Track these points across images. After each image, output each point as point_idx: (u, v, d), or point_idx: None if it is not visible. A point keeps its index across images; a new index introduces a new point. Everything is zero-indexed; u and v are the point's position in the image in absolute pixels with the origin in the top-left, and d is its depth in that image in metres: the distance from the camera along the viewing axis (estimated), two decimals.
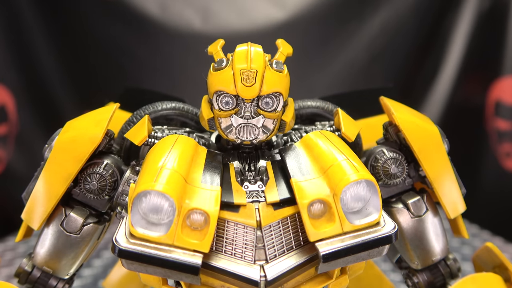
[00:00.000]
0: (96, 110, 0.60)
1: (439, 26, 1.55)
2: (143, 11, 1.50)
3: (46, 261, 0.55)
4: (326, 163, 0.49)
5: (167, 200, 0.44)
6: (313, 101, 0.65)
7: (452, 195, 0.56)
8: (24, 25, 1.44)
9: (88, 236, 0.55)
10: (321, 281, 0.50)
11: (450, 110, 1.57)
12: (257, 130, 0.52)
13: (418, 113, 0.62)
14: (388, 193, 0.58)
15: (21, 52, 1.45)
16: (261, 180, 0.51)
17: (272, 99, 0.51)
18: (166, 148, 0.50)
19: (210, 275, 0.47)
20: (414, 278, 0.60)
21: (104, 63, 1.53)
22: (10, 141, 1.42)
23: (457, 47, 1.54)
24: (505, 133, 1.45)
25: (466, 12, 1.51)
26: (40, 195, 0.53)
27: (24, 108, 1.45)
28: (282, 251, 0.48)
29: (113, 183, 0.55)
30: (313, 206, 0.46)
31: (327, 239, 0.46)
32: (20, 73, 1.44)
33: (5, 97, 1.40)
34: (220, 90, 0.51)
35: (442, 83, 1.57)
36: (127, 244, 0.45)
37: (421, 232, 0.57)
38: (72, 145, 0.54)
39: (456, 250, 1.22)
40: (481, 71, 1.52)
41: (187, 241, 0.44)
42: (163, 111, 0.63)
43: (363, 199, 0.47)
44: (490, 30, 1.47)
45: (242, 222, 0.47)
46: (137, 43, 1.53)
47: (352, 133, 0.56)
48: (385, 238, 0.47)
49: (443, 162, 0.57)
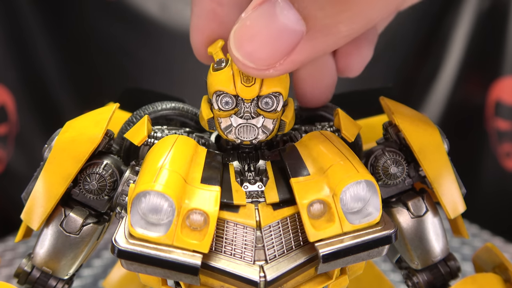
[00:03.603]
0: (96, 110, 0.60)
1: (439, 26, 1.55)
2: (143, 11, 1.50)
3: (45, 262, 0.55)
4: (326, 163, 0.49)
5: (167, 201, 0.44)
6: None
7: (452, 195, 0.56)
8: (24, 25, 1.44)
9: (88, 236, 0.55)
10: (321, 281, 0.50)
11: (450, 110, 1.57)
12: (257, 130, 0.52)
13: (418, 113, 0.62)
14: (388, 193, 0.57)
15: (21, 52, 1.45)
16: (261, 180, 0.51)
17: (272, 99, 0.51)
18: (166, 148, 0.50)
19: (210, 275, 0.47)
20: (414, 278, 0.60)
21: (104, 63, 1.53)
22: (10, 141, 1.42)
23: (457, 47, 1.54)
24: (505, 133, 1.45)
25: (466, 12, 1.51)
26: (39, 195, 0.53)
27: (24, 108, 1.45)
28: (282, 252, 0.48)
29: (112, 183, 0.55)
30: (312, 206, 0.46)
31: (326, 239, 0.46)
32: (20, 73, 1.45)
33: (5, 97, 1.40)
34: (219, 90, 0.50)
35: (442, 83, 1.57)
36: (126, 244, 0.45)
37: (421, 232, 0.57)
38: (72, 145, 0.54)
39: (456, 250, 1.22)
40: (481, 71, 1.52)
41: (186, 242, 0.44)
42: (162, 111, 0.63)
43: (363, 199, 0.47)
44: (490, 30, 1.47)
45: (242, 222, 0.47)
46: (137, 43, 1.53)
47: (352, 133, 0.56)
48: (385, 238, 0.47)
49: (443, 162, 0.57)
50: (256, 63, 0.43)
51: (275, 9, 0.41)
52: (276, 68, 0.43)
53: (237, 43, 0.43)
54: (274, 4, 0.41)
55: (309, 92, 0.57)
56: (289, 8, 0.40)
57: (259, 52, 0.42)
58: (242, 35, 0.42)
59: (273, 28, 0.41)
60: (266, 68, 0.43)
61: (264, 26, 0.41)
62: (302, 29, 0.40)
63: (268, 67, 0.43)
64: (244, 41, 0.42)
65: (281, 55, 0.42)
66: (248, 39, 0.42)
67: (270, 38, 0.41)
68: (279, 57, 0.42)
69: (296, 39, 0.41)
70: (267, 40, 0.41)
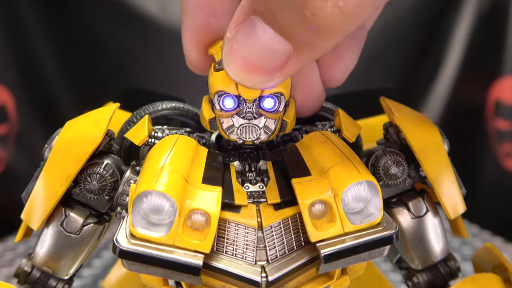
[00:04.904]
0: (96, 110, 0.60)
1: (439, 26, 1.55)
2: (143, 11, 1.50)
3: (45, 262, 0.55)
4: (327, 163, 0.49)
5: (168, 201, 0.44)
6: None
7: (452, 195, 0.56)
8: (24, 25, 1.44)
9: (88, 236, 0.55)
10: (322, 281, 0.50)
11: (450, 110, 1.57)
12: (259, 131, 0.52)
13: (418, 114, 0.62)
14: (388, 193, 0.57)
15: (21, 52, 1.45)
16: (262, 181, 0.51)
17: (273, 99, 0.51)
18: (167, 148, 0.50)
19: (211, 275, 0.47)
20: (414, 278, 0.60)
21: (104, 63, 1.53)
22: (10, 141, 1.42)
23: (457, 47, 1.54)
24: (505, 133, 1.45)
25: (466, 12, 1.51)
26: (39, 195, 0.53)
27: (24, 108, 1.45)
28: (283, 252, 0.48)
29: (113, 183, 0.55)
30: (314, 206, 0.46)
31: (328, 239, 0.46)
32: (20, 73, 1.45)
33: (5, 97, 1.40)
34: (221, 90, 0.50)
35: (442, 83, 1.57)
36: (128, 244, 0.45)
37: (421, 233, 0.57)
38: (72, 145, 0.54)
39: (456, 250, 1.22)
40: (481, 71, 1.52)
41: (188, 242, 0.44)
42: (163, 111, 0.63)
43: (364, 200, 0.47)
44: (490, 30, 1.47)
45: (243, 222, 0.47)
46: (137, 43, 1.54)
47: (352, 133, 0.56)
48: (386, 238, 0.47)
49: (443, 163, 0.57)
50: (252, 82, 0.43)
51: (256, 30, 0.40)
52: (274, 81, 0.43)
53: (230, 66, 0.43)
54: (255, 25, 0.40)
55: (300, 103, 0.58)
56: (269, 28, 0.40)
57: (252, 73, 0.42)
58: (232, 58, 0.42)
59: (259, 49, 0.40)
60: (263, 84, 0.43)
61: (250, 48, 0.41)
62: (289, 48, 0.40)
63: (265, 83, 0.43)
64: (235, 64, 0.42)
65: (274, 71, 0.42)
66: (238, 61, 0.42)
67: (259, 59, 0.41)
68: (273, 73, 0.42)
69: (285, 56, 0.41)
70: (256, 61, 0.41)
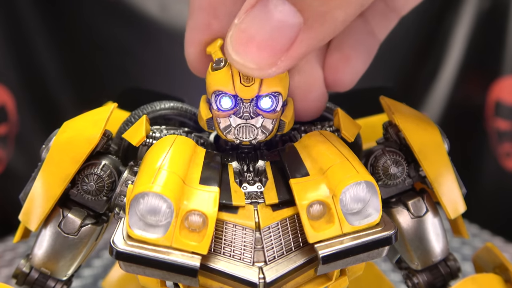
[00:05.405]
0: (94, 110, 0.60)
1: (439, 26, 1.55)
2: (143, 11, 1.50)
3: (44, 263, 0.55)
4: (325, 163, 0.49)
5: (165, 202, 0.44)
6: None
7: (452, 195, 0.56)
8: (24, 25, 1.44)
9: (86, 237, 0.55)
10: (321, 282, 0.49)
11: (450, 110, 1.57)
12: (256, 131, 0.52)
13: (418, 113, 0.61)
14: (387, 193, 0.57)
15: (21, 52, 1.45)
16: (260, 181, 0.51)
17: (271, 99, 0.51)
18: (164, 149, 0.50)
19: (209, 277, 0.46)
20: (414, 278, 0.60)
21: (104, 63, 1.53)
22: (10, 141, 1.42)
23: (457, 47, 1.54)
24: (505, 133, 1.45)
25: (466, 12, 1.51)
26: (37, 196, 0.53)
27: (24, 108, 1.45)
28: (281, 253, 0.47)
29: (111, 184, 0.54)
30: (312, 207, 0.46)
31: (326, 240, 0.46)
32: (20, 73, 1.44)
33: (5, 97, 1.40)
34: (218, 90, 0.50)
35: (442, 83, 1.57)
36: (124, 246, 0.44)
37: (421, 233, 0.57)
38: (70, 146, 0.53)
39: (456, 250, 1.22)
40: (481, 71, 1.52)
41: (185, 243, 0.44)
42: (161, 111, 0.63)
43: (362, 200, 0.47)
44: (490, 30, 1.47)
45: (241, 223, 0.47)
46: (137, 43, 1.54)
47: (351, 133, 0.56)
48: (385, 239, 0.47)
49: (443, 162, 0.56)
50: (257, 64, 0.43)
51: (269, 7, 0.41)
52: (278, 66, 0.43)
53: (235, 48, 0.43)
54: (267, 3, 0.41)
55: (298, 105, 0.58)
56: (283, 3, 0.40)
57: (259, 54, 0.42)
58: (239, 40, 0.42)
59: (269, 26, 0.41)
60: (267, 67, 0.43)
61: (260, 27, 0.41)
62: (299, 21, 0.41)
63: (270, 66, 0.43)
64: (242, 45, 0.42)
65: (281, 52, 0.42)
66: (246, 43, 0.42)
67: (268, 37, 0.41)
68: (280, 54, 0.42)
69: (295, 32, 0.41)
70: (265, 40, 0.41)
